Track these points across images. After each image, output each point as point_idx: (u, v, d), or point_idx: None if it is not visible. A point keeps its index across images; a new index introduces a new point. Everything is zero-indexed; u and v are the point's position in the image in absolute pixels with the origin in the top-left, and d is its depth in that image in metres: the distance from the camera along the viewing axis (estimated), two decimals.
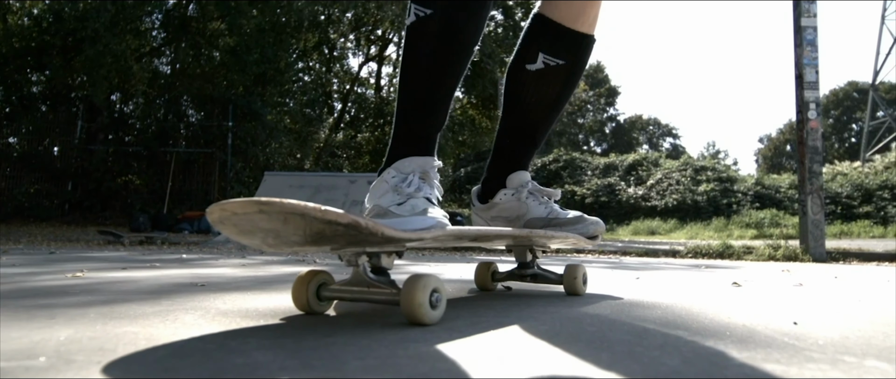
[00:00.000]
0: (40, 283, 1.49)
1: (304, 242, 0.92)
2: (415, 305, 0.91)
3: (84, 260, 2.65)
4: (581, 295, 1.41)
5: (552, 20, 1.40)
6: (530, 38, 1.43)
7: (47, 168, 12.21)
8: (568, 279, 1.43)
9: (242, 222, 0.84)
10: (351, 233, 0.87)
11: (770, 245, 6.04)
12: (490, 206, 1.49)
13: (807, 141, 6.26)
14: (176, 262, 2.68)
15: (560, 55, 1.39)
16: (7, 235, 7.63)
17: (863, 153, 30.39)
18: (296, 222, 0.83)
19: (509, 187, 1.48)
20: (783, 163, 47.72)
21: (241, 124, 12.52)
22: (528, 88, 1.42)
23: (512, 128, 1.48)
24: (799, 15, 6.69)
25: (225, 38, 13.43)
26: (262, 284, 1.58)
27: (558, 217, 1.46)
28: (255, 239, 0.90)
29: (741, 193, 18.05)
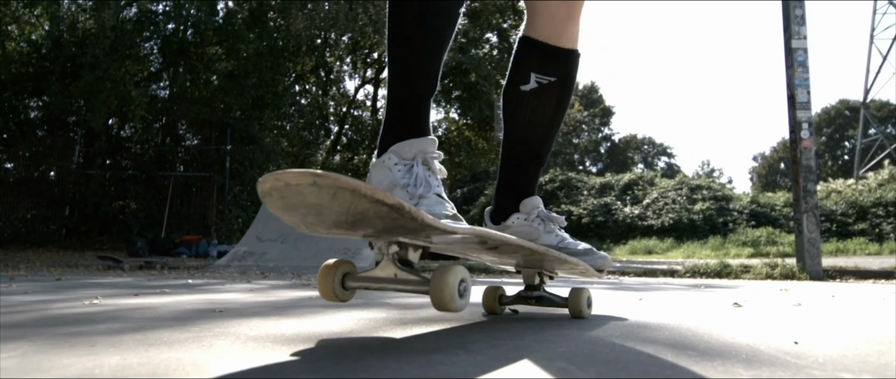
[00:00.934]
0: (61, 310, 1.52)
1: (343, 223, 0.96)
2: (445, 292, 0.95)
3: (93, 287, 2.69)
4: (586, 318, 1.45)
5: (538, 40, 1.47)
6: (521, 61, 1.50)
7: (45, 193, 12.22)
8: (573, 303, 1.47)
9: (291, 195, 0.88)
10: (392, 216, 0.91)
11: (767, 264, 6.09)
12: (502, 228, 1.54)
13: (801, 160, 6.36)
14: (184, 288, 2.71)
15: (551, 72, 1.47)
16: (5, 260, 7.63)
17: (856, 170, 30.64)
18: (343, 198, 0.87)
19: (522, 212, 1.52)
20: (777, 181, 48.00)
21: (239, 148, 12.59)
22: (526, 108, 1.49)
23: (517, 149, 1.54)
24: (789, 37, 6.83)
25: (223, 63, 13.55)
26: (277, 309, 1.62)
27: (568, 247, 1.52)
28: (296, 215, 0.95)
29: (737, 212, 18.15)
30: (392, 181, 1.20)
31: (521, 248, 1.25)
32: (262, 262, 5.91)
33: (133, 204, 12.81)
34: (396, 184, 1.19)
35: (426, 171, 1.20)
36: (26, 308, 1.59)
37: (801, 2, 6.93)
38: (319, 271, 1.12)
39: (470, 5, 16.38)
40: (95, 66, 10.63)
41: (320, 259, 6.00)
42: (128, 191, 12.80)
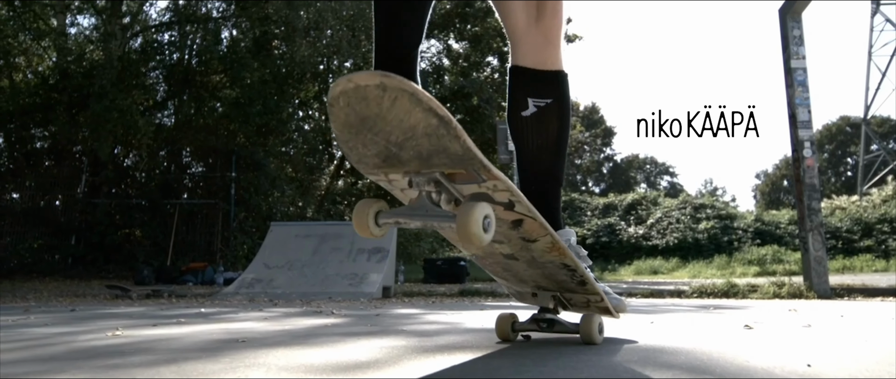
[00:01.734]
0: (89, 342, 1.56)
1: (393, 145, 1.05)
2: (471, 225, 1.03)
3: (108, 317, 2.72)
4: (597, 344, 1.48)
5: (527, 68, 1.56)
6: (516, 89, 1.58)
7: (51, 222, 12.28)
8: (584, 328, 1.49)
9: (356, 101, 0.98)
10: (439, 133, 1.00)
11: (774, 283, 6.09)
12: None
13: (804, 179, 6.38)
14: (199, 317, 2.74)
15: (545, 95, 1.55)
16: (12, 291, 7.65)
17: (859, 187, 30.62)
18: (402, 104, 0.96)
19: None
20: (781, 198, 47.94)
21: (244, 174, 12.66)
22: (532, 132, 1.56)
23: (534, 172, 1.60)
24: (788, 57, 6.91)
25: (227, 90, 13.71)
26: (298, 338, 1.65)
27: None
28: (352, 133, 1.05)
29: (741, 230, 18.11)
30: None
31: (544, 230, 1.28)
32: (270, 289, 5.93)
33: (138, 232, 12.86)
34: None
35: None
36: (53, 340, 1.62)
37: (798, 22, 7.02)
38: (354, 209, 1.19)
39: (471, 29, 16.59)
40: (103, 96, 10.76)
41: (328, 285, 6.03)
42: (133, 219, 12.85)
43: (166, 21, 14.73)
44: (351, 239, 6.75)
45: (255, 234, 12.67)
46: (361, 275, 6.08)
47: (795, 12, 6.92)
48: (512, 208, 1.23)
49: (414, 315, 2.77)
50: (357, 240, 6.76)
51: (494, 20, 16.85)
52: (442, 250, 17.84)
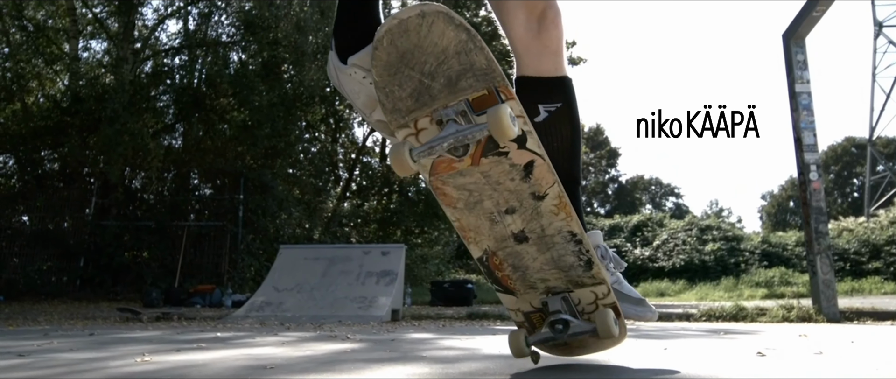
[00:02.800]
0: (123, 368, 1.61)
1: (428, 72, 1.23)
2: (503, 119, 1.18)
3: (129, 342, 2.76)
4: (615, 337, 1.48)
5: (532, 76, 1.63)
6: (525, 98, 1.60)
7: (60, 244, 12.35)
8: (600, 322, 1.47)
9: (400, 35, 1.18)
10: (468, 47, 1.19)
11: (783, 306, 6.09)
12: None
13: (811, 202, 6.42)
14: (218, 342, 2.78)
15: (554, 99, 1.62)
16: (23, 313, 7.69)
17: (866, 208, 30.49)
18: (438, 26, 1.16)
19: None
20: (788, 219, 47.75)
21: (252, 197, 12.75)
22: (546, 137, 1.59)
23: (559, 174, 1.66)
24: (793, 81, 6.98)
25: (236, 113, 13.86)
26: (322, 364, 1.70)
27: (622, 290, 1.62)
28: (392, 72, 1.23)
29: (748, 252, 18.06)
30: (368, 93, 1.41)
31: (552, 177, 1.38)
32: (280, 312, 5.97)
33: (145, 254, 12.91)
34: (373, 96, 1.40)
35: None
36: (86, 367, 1.67)
37: (802, 47, 7.10)
38: (390, 155, 1.31)
39: None
40: (114, 119, 10.91)
41: (337, 308, 6.05)
42: (142, 241, 12.92)
43: (176, 46, 14.96)
44: (360, 262, 6.79)
45: (262, 256, 12.71)
46: (370, 298, 6.11)
47: (799, 37, 7.01)
48: (524, 145, 1.33)
49: (428, 340, 2.81)
50: (366, 263, 6.80)
51: (500, 44, 17.07)
52: (448, 273, 17.83)
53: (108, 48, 14.63)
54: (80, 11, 14.59)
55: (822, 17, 6.79)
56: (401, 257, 6.83)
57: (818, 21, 6.82)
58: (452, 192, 1.37)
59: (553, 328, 1.53)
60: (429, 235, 17.53)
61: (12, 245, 12.58)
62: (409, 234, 17.03)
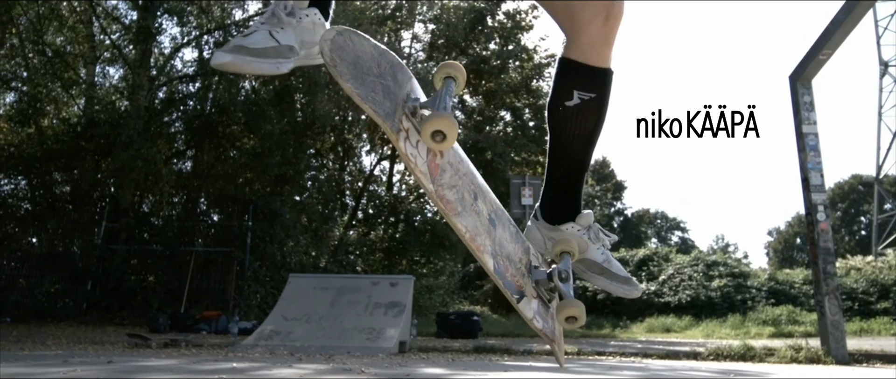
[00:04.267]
0: None
1: (382, 74, 1.32)
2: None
3: (149, 371, 2.81)
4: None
5: (579, 62, 1.63)
6: (564, 80, 1.66)
7: (68, 267, 12.41)
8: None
9: (340, 54, 1.21)
10: (382, 50, 1.33)
11: (791, 347, 6.08)
12: (556, 229, 1.68)
13: (818, 243, 6.44)
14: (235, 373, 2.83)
15: (591, 89, 1.63)
16: (31, 336, 7.73)
17: (874, 247, 30.28)
18: (354, 39, 1.27)
19: (578, 224, 1.67)
20: (794, 256, 47.41)
21: (260, 223, 12.83)
22: (571, 122, 1.64)
23: (565, 161, 1.69)
24: (799, 122, 7.07)
25: (247, 140, 14.03)
26: None
27: (612, 269, 1.66)
28: (359, 84, 1.24)
29: (755, 289, 17.93)
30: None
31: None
32: (289, 341, 5.99)
33: (151, 278, 12.94)
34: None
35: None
36: None
37: (809, 89, 7.21)
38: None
39: (485, 85, 16.98)
40: (129, 145, 11.07)
41: (345, 339, 6.07)
42: (149, 265, 12.98)
43: (191, 73, 15.22)
44: (368, 292, 6.83)
45: (268, 283, 12.73)
46: (378, 329, 6.14)
47: (805, 79, 7.13)
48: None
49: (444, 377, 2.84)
50: (374, 293, 6.84)
51: (508, 76, 17.29)
52: (453, 303, 17.76)
53: (125, 75, 14.90)
54: (98, 38, 14.91)
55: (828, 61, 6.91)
56: (409, 289, 6.87)
57: (824, 64, 6.94)
58: (450, 194, 1.42)
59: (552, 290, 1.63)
60: (434, 265, 17.52)
61: (21, 267, 12.66)
62: (414, 263, 17.03)
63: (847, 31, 6.43)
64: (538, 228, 1.72)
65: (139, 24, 13.49)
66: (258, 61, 1.27)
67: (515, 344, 7.40)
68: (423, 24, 17.97)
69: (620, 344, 8.04)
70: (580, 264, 1.68)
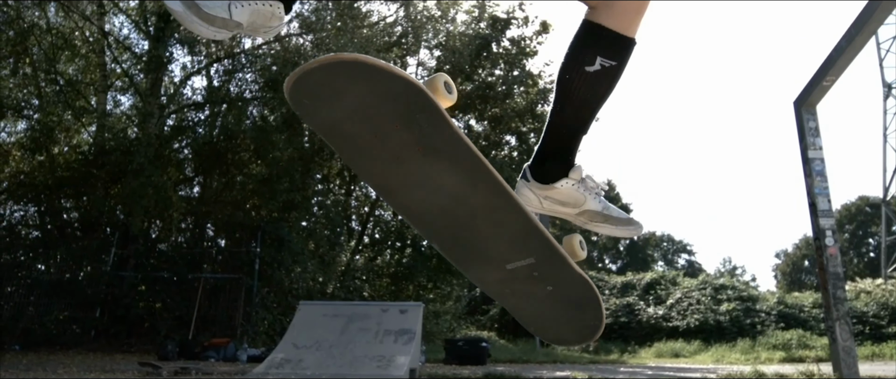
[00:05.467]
0: None
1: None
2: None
3: None
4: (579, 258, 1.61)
5: (609, 28, 1.62)
6: (588, 44, 1.63)
7: (78, 295, 12.44)
8: (566, 246, 1.63)
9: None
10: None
11: (804, 373, 6.06)
12: (549, 187, 1.69)
13: (827, 268, 6.45)
14: None
15: (614, 57, 1.62)
16: (41, 364, 7.77)
17: (884, 269, 30.05)
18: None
19: (572, 178, 1.69)
20: (803, 279, 47.03)
21: (268, 250, 12.87)
22: (586, 87, 1.62)
23: (569, 123, 1.68)
24: (805, 148, 7.12)
25: (255, 167, 14.16)
26: None
27: (612, 214, 1.70)
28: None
29: (764, 313, 17.82)
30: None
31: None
32: (300, 370, 6.00)
33: (158, 305, 12.95)
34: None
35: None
36: None
37: (813, 114, 7.27)
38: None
39: (491, 110, 17.12)
40: (140, 172, 11.20)
41: (356, 367, 6.08)
42: (158, 292, 13.01)
43: (200, 101, 15.42)
44: (378, 320, 6.84)
45: (276, 309, 12.74)
46: (389, 357, 6.15)
47: (810, 105, 7.20)
48: None
49: None
50: (384, 321, 6.85)
51: (513, 102, 17.43)
52: (460, 329, 17.69)
53: (136, 103, 15.11)
54: (109, 67, 15.15)
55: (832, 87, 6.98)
56: (418, 316, 6.89)
57: (828, 90, 7.01)
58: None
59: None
60: (441, 290, 17.49)
61: (30, 294, 12.70)
62: (421, 288, 17.01)
63: (850, 58, 6.51)
64: (530, 189, 1.71)
65: (151, 54, 13.73)
66: (202, 25, 1.29)
67: (525, 371, 7.38)
68: (428, 51, 18.21)
69: (630, 371, 8.01)
70: (581, 217, 1.71)
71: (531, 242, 1.61)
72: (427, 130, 1.37)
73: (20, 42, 12.83)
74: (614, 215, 1.71)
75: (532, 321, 1.82)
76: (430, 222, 1.62)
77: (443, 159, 1.45)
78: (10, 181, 14.15)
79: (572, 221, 1.74)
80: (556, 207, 1.72)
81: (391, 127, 1.37)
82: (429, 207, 1.57)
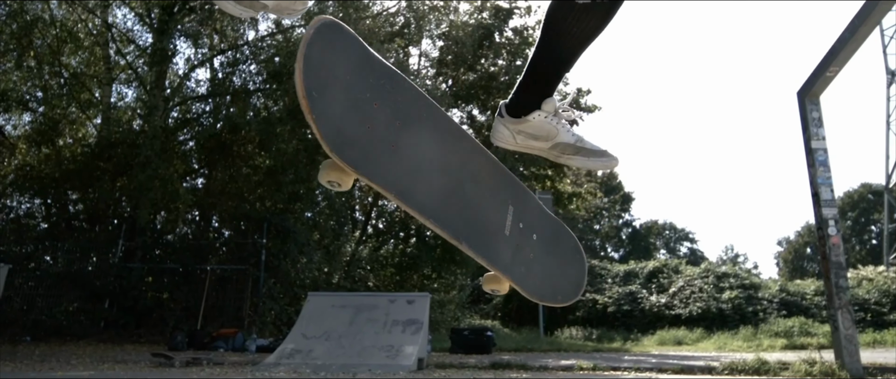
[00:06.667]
0: None
1: None
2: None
3: None
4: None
5: None
6: None
7: (86, 286, 12.57)
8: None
9: None
10: None
11: (805, 361, 6.15)
12: (521, 121, 1.67)
13: (830, 257, 6.52)
14: None
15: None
16: (54, 355, 7.88)
17: (886, 257, 30.10)
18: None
19: (544, 110, 1.66)
20: (805, 266, 47.15)
21: (274, 241, 12.98)
22: (577, 20, 1.58)
23: (553, 56, 1.63)
24: (808, 138, 7.17)
25: (260, 159, 14.23)
26: None
27: (586, 146, 1.69)
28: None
29: (766, 301, 17.92)
30: None
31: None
32: (310, 360, 6.11)
33: (165, 295, 13.08)
34: None
35: None
36: None
37: (817, 105, 7.31)
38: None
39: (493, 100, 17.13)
40: (147, 165, 11.28)
41: (365, 357, 6.18)
42: (165, 284, 13.14)
43: (204, 93, 15.47)
44: (385, 310, 6.94)
45: (283, 300, 12.86)
46: (397, 347, 6.25)
47: (814, 95, 7.24)
48: None
49: None
50: (391, 311, 6.95)
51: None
52: (464, 318, 17.82)
53: (140, 95, 15.17)
54: (113, 59, 15.19)
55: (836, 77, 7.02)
56: (425, 306, 6.99)
57: (832, 80, 7.05)
58: None
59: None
60: (445, 279, 17.61)
61: (39, 286, 12.83)
62: (425, 278, 17.13)
63: (853, 49, 6.55)
64: (504, 125, 1.69)
65: (155, 47, 13.76)
66: (230, 3, 1.32)
67: (530, 359, 7.49)
68: (431, 41, 18.21)
69: (634, 359, 8.12)
70: (554, 150, 1.68)
71: (503, 186, 1.72)
72: (399, 100, 1.47)
73: (24, 35, 12.87)
74: (588, 147, 1.68)
75: (534, 288, 1.82)
76: (443, 212, 1.64)
77: (423, 128, 1.55)
78: (17, 174, 14.26)
79: (546, 155, 1.72)
80: (530, 141, 1.68)
81: (371, 107, 1.45)
82: (433, 192, 1.61)
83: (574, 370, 6.39)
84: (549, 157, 1.71)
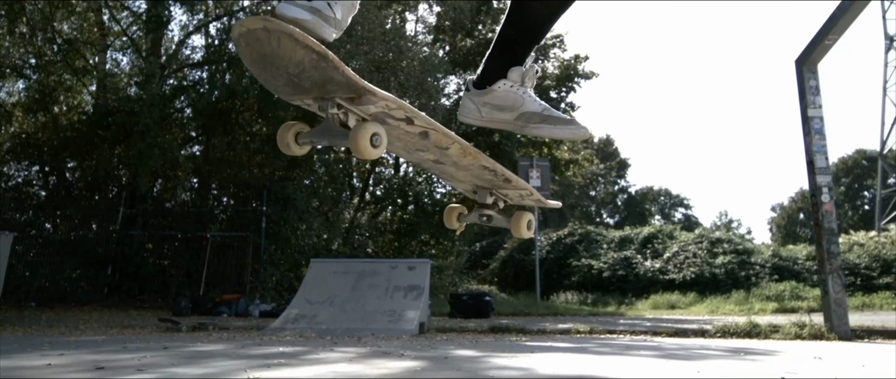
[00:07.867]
0: None
1: (293, 77, 1.26)
2: (360, 142, 1.27)
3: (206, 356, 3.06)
4: (524, 238, 1.74)
5: None
6: None
7: (89, 253, 12.70)
8: (515, 226, 1.75)
9: (253, 42, 1.18)
10: (321, 65, 1.19)
11: (795, 323, 6.33)
12: (486, 92, 1.62)
13: (823, 223, 6.66)
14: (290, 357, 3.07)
15: None
16: (60, 321, 8.02)
17: (877, 222, 30.47)
18: (286, 45, 1.13)
19: (509, 79, 1.60)
20: (798, 232, 47.68)
21: (274, 208, 13.07)
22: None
23: (521, 23, 1.59)
24: (805, 106, 7.23)
25: (259, 126, 14.21)
26: None
27: (552, 115, 1.63)
28: (261, 69, 1.27)
29: (759, 266, 18.20)
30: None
31: (450, 139, 1.49)
32: (315, 324, 6.26)
33: (166, 262, 13.22)
34: None
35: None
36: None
37: (814, 73, 7.36)
38: (278, 132, 1.45)
39: None
40: (146, 133, 11.28)
41: (368, 322, 6.35)
42: (166, 251, 13.27)
43: (199, 60, 15.33)
44: (387, 276, 7.08)
45: (283, 266, 13.02)
46: (399, 312, 6.41)
47: (812, 63, 7.28)
48: (412, 123, 1.42)
49: (478, 358, 3.09)
50: (393, 277, 7.09)
51: None
52: (462, 283, 18.07)
53: (136, 62, 15.04)
54: (108, 25, 15.01)
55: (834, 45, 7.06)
56: (426, 272, 7.12)
57: (830, 48, 7.09)
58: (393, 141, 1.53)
59: (480, 218, 1.79)
60: (443, 245, 17.80)
61: (42, 254, 12.95)
62: (423, 244, 17.32)
63: (853, 17, 6.56)
64: (470, 98, 1.65)
65: (150, 12, 13.59)
66: (324, 26, 1.29)
67: (528, 323, 7.67)
68: (428, 6, 18.02)
69: (630, 322, 8.32)
70: (520, 120, 1.62)
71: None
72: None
73: (17, 0, 12.69)
74: (555, 116, 1.62)
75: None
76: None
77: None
78: (14, 141, 14.23)
79: (511, 128, 1.66)
80: (495, 113, 1.62)
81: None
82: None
83: (571, 334, 6.58)
84: (514, 129, 1.65)
